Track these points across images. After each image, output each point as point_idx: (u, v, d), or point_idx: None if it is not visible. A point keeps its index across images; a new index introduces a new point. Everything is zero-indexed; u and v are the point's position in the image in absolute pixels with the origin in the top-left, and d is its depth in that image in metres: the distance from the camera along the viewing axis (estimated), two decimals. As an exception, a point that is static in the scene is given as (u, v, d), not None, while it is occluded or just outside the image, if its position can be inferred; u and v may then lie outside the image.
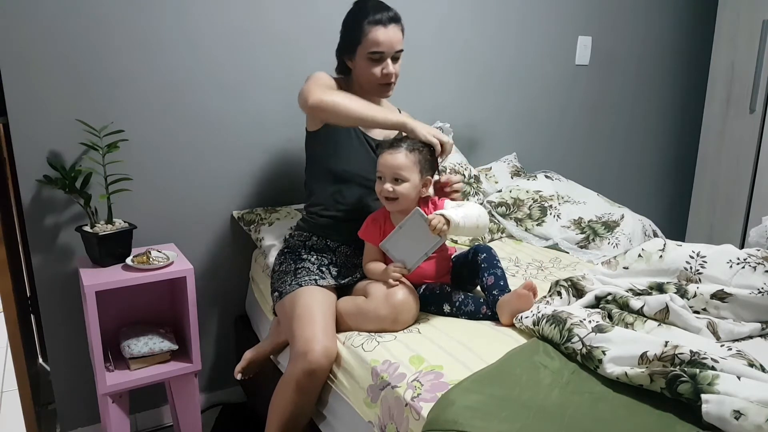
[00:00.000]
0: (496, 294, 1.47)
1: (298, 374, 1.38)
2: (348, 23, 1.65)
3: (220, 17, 1.88)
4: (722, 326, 1.35)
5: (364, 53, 1.60)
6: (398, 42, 1.62)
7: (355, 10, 1.64)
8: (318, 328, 1.42)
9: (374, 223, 1.57)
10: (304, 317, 1.45)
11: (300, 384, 1.39)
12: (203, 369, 1.78)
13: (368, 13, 1.59)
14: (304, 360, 1.37)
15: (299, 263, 1.62)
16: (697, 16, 3.05)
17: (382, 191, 1.51)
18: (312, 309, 1.47)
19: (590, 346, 1.18)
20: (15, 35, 1.61)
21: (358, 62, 1.63)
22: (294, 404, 1.41)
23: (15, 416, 2.07)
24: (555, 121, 2.75)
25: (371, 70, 1.61)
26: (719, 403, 0.97)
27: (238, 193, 2.03)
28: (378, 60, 1.60)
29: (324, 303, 1.50)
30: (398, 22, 1.61)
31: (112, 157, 1.69)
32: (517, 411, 1.04)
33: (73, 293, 1.82)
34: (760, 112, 2.86)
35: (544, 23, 2.58)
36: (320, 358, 1.37)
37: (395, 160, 1.49)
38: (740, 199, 2.99)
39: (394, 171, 1.49)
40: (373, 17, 1.58)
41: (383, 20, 1.58)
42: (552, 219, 2.25)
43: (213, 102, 1.93)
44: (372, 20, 1.58)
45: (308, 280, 1.57)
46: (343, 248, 1.66)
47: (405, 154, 1.50)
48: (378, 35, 1.58)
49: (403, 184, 1.49)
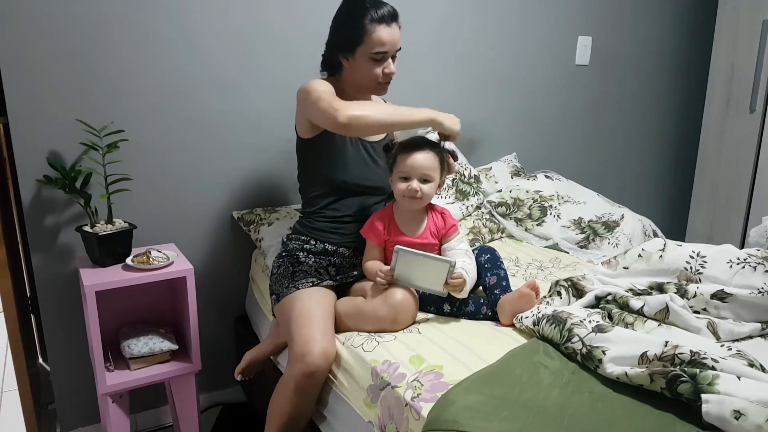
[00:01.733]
0: (498, 293, 1.47)
1: (297, 376, 1.38)
2: (344, 20, 1.57)
3: (221, 17, 1.88)
4: (722, 326, 1.35)
5: (367, 53, 1.54)
6: (399, 40, 1.57)
7: (352, 6, 1.56)
8: (316, 329, 1.41)
9: (379, 222, 1.57)
10: (301, 319, 1.44)
11: (299, 386, 1.38)
12: (203, 369, 1.78)
13: (368, 9, 1.51)
14: (303, 362, 1.37)
15: (297, 266, 1.61)
16: (697, 16, 3.06)
17: (409, 191, 1.50)
18: (310, 311, 1.46)
19: (590, 346, 1.18)
20: (15, 35, 1.61)
21: (359, 62, 1.57)
22: (293, 406, 1.41)
23: (15, 416, 2.07)
24: (555, 121, 2.75)
25: (373, 70, 1.57)
26: (719, 403, 0.97)
27: (238, 193, 2.03)
28: (380, 60, 1.56)
29: (322, 304, 1.50)
30: (398, 18, 1.56)
31: (112, 157, 1.69)
32: (517, 411, 1.04)
33: (73, 293, 1.82)
34: (760, 112, 2.86)
35: (544, 23, 2.58)
36: (319, 360, 1.36)
37: (426, 161, 1.50)
38: (740, 199, 2.99)
39: (424, 171, 1.50)
40: (376, 14, 1.51)
41: (386, 18, 1.52)
42: (552, 219, 2.25)
43: (213, 102, 1.93)
44: (375, 18, 1.51)
45: (305, 283, 1.56)
46: (341, 249, 1.65)
47: (434, 155, 1.52)
48: (382, 35, 1.52)
49: (429, 184, 1.51)
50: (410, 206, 1.54)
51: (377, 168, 1.67)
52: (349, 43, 1.56)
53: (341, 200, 1.64)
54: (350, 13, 1.56)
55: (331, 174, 1.62)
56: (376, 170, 1.66)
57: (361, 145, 1.66)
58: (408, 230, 1.56)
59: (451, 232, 1.58)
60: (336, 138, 1.61)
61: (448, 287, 1.43)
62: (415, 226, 1.57)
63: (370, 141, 1.68)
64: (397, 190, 1.53)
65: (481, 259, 1.56)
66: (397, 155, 1.54)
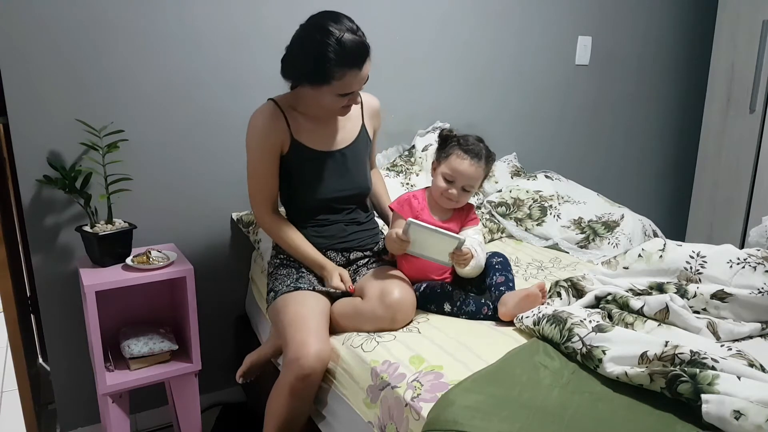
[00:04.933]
0: (503, 290, 1.49)
1: (292, 379, 1.38)
2: (309, 56, 1.40)
3: (221, 17, 1.88)
4: (722, 326, 1.35)
5: (333, 92, 1.44)
6: (367, 74, 1.45)
7: (318, 44, 1.37)
8: (309, 332, 1.40)
9: (413, 200, 1.60)
10: (296, 322, 1.43)
11: (294, 389, 1.38)
12: (203, 369, 1.78)
13: (335, 51, 1.36)
14: (298, 365, 1.36)
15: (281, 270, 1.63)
16: (697, 16, 3.05)
17: (448, 194, 1.54)
18: (304, 314, 1.45)
19: (590, 346, 1.18)
20: (15, 35, 1.61)
21: (323, 94, 1.46)
22: (289, 409, 1.41)
23: (15, 416, 2.07)
24: (555, 121, 2.75)
25: (337, 103, 1.48)
26: (719, 403, 0.97)
27: (238, 193, 2.03)
28: (348, 94, 1.47)
29: (316, 307, 1.49)
30: (369, 53, 1.42)
31: (112, 157, 1.69)
32: (517, 411, 1.04)
33: (73, 293, 1.82)
34: (760, 112, 2.86)
35: (544, 23, 2.58)
36: (313, 363, 1.36)
37: (476, 173, 1.54)
38: (740, 199, 2.99)
39: (469, 181, 1.54)
40: (345, 58, 1.37)
41: (357, 61, 1.39)
42: (552, 219, 2.25)
43: (213, 102, 1.93)
44: (344, 63, 1.38)
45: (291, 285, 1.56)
46: (329, 253, 1.66)
47: (483, 168, 1.55)
48: (351, 80, 1.42)
49: (468, 192, 1.56)
50: (443, 204, 1.59)
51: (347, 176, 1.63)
52: (311, 78, 1.44)
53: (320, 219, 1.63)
54: (313, 51, 1.39)
55: (307, 194, 1.60)
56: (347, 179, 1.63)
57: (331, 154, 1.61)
58: (436, 215, 1.60)
59: (471, 224, 1.62)
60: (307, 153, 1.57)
61: (456, 259, 1.46)
62: (444, 214, 1.62)
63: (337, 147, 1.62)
64: (436, 186, 1.57)
65: (493, 261, 1.58)
66: (452, 152, 1.55)
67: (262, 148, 1.55)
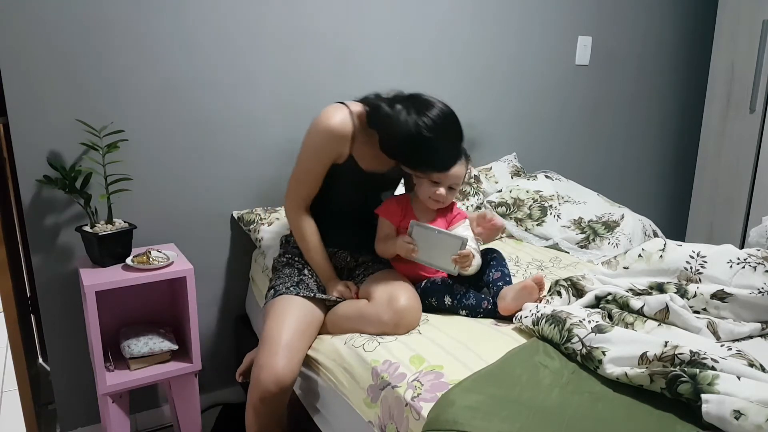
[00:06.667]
0: (501, 285, 1.50)
1: (253, 399, 1.39)
2: (406, 148, 1.46)
3: (220, 18, 1.88)
4: (722, 326, 1.35)
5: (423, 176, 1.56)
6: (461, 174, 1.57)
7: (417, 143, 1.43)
8: (277, 351, 1.38)
9: (398, 205, 1.62)
10: (268, 339, 1.42)
11: (256, 408, 1.39)
12: (203, 369, 1.78)
13: (431, 157, 1.46)
14: (257, 385, 1.37)
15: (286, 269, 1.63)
16: (697, 16, 3.06)
17: (437, 196, 1.56)
18: (279, 328, 1.43)
19: (590, 347, 1.18)
20: (15, 36, 1.61)
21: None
22: (258, 426, 1.42)
23: (15, 416, 2.07)
24: (555, 121, 2.75)
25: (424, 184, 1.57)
26: (719, 403, 0.97)
27: (238, 193, 2.03)
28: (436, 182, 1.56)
29: (299, 318, 1.47)
30: (461, 155, 1.54)
31: (112, 157, 1.69)
32: (517, 411, 1.04)
33: (73, 293, 1.82)
34: (760, 112, 2.87)
35: (544, 23, 2.58)
36: (272, 387, 1.36)
37: (460, 172, 1.57)
38: (740, 199, 3.00)
39: (456, 180, 1.57)
40: (440, 165, 1.49)
41: (449, 166, 1.50)
42: (552, 219, 2.25)
43: (213, 102, 1.92)
44: (438, 168, 1.50)
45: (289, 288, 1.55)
46: (340, 253, 1.67)
47: (464, 166, 1.58)
48: (441, 176, 1.53)
49: (454, 190, 1.59)
50: (431, 206, 1.61)
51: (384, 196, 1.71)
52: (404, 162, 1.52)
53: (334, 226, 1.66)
54: (414, 151, 1.47)
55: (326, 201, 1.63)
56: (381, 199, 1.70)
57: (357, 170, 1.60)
58: (422, 217, 1.62)
59: (457, 219, 1.64)
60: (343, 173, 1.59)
61: (458, 264, 1.48)
62: (429, 214, 1.64)
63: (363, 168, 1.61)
64: (423, 191, 1.58)
65: (488, 257, 1.60)
66: None
67: (321, 153, 1.55)
